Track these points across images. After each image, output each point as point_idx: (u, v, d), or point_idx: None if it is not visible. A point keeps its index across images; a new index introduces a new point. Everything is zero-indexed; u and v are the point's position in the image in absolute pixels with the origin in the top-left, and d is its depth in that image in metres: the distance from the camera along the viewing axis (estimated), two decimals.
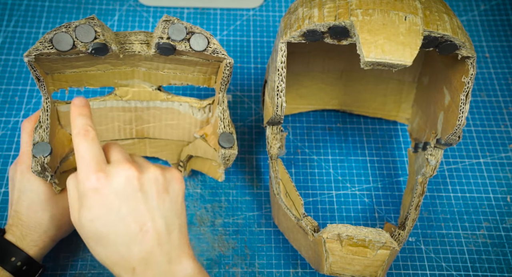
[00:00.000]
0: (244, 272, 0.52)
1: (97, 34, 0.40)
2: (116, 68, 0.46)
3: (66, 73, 0.45)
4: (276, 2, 0.74)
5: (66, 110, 0.48)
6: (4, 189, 0.56)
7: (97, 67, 0.46)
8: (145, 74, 0.47)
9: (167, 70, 0.47)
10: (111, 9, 0.71)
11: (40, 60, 0.41)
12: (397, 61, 0.38)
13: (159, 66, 0.46)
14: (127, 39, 0.43)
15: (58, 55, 0.41)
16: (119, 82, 0.48)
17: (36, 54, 0.40)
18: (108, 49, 0.41)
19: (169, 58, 0.44)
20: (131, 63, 0.46)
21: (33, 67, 0.41)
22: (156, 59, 0.45)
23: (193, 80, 0.48)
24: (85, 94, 0.63)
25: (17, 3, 0.71)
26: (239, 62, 0.68)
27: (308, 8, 0.43)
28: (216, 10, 0.72)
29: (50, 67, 0.44)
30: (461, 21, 0.73)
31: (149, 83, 0.49)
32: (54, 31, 0.40)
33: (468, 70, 0.44)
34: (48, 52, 0.40)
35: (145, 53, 0.43)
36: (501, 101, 0.66)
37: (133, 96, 0.49)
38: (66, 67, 0.44)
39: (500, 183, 0.59)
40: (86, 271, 0.51)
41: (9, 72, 0.65)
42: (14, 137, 0.60)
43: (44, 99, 0.44)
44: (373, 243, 0.42)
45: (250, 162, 0.60)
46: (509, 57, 0.70)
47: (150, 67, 0.46)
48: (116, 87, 0.49)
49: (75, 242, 0.53)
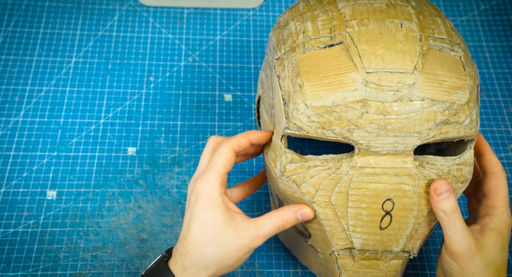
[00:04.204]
0: (244, 272, 0.52)
1: None
2: None
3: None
4: (276, 2, 0.74)
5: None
6: (4, 189, 0.56)
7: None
8: None
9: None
10: (111, 9, 0.71)
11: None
12: (398, 70, 0.38)
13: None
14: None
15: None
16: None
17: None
18: None
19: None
20: None
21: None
22: None
23: None
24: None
25: (17, 3, 0.71)
26: (239, 62, 0.68)
27: (300, 22, 0.42)
28: (216, 10, 0.72)
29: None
30: (461, 21, 0.73)
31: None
32: None
33: None
34: None
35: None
36: (501, 101, 0.66)
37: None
38: None
39: None
40: (86, 271, 0.51)
41: (9, 72, 0.65)
42: (14, 137, 0.60)
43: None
44: (385, 255, 0.42)
45: (250, 162, 0.60)
46: (509, 57, 0.70)
47: None
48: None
49: (75, 242, 0.53)
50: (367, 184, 0.39)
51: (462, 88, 0.38)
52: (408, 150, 0.39)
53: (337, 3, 0.42)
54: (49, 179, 0.57)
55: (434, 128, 0.38)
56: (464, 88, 0.38)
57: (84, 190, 0.57)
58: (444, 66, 0.39)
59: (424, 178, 0.39)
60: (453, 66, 0.39)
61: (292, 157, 0.41)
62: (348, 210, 0.40)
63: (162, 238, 0.54)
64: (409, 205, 0.39)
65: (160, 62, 0.67)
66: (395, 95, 0.37)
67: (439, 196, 0.38)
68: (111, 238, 0.54)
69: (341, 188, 0.39)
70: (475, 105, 0.39)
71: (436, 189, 0.39)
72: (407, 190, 0.39)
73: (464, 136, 0.39)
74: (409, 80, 0.37)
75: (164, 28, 0.70)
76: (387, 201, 0.39)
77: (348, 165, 0.39)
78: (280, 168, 0.41)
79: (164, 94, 0.65)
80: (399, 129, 0.38)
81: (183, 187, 0.58)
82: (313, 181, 0.40)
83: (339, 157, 0.40)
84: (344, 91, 0.38)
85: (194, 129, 0.62)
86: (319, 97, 0.38)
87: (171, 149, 0.60)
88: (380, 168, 0.39)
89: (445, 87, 0.38)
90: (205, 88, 0.65)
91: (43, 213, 0.55)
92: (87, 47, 0.68)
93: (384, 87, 0.37)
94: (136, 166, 0.59)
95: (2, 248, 0.53)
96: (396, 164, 0.39)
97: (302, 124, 0.38)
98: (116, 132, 0.61)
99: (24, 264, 0.52)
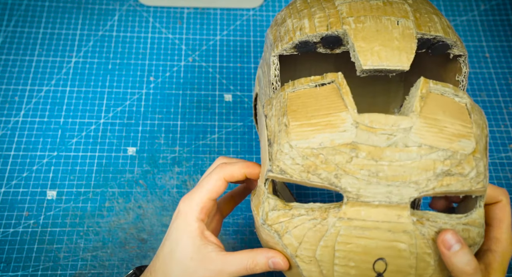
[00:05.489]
0: None
1: None
2: None
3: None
4: (276, 2, 0.74)
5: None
6: (4, 189, 0.56)
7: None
8: None
9: None
10: (111, 9, 0.71)
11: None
12: (394, 67, 0.37)
13: None
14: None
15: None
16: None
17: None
18: None
19: None
20: None
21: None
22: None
23: None
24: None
25: (17, 3, 0.71)
26: (239, 62, 0.68)
27: (297, 19, 0.42)
28: (216, 10, 0.72)
29: None
30: (461, 21, 0.73)
31: None
32: None
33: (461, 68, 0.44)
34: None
35: None
36: (501, 101, 0.66)
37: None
38: None
39: (500, 183, 0.59)
40: (86, 271, 0.51)
41: (9, 72, 0.65)
42: (14, 137, 0.60)
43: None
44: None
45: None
46: (509, 57, 0.70)
47: None
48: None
49: (75, 242, 0.53)
50: (356, 238, 0.34)
51: (466, 136, 0.34)
52: (403, 203, 0.34)
53: (334, 0, 0.42)
54: (49, 179, 0.57)
55: (434, 179, 0.33)
56: (469, 136, 0.34)
57: (84, 190, 0.57)
58: (446, 112, 0.35)
59: (422, 236, 0.34)
60: (457, 112, 0.35)
61: (275, 203, 0.37)
62: (334, 268, 0.35)
63: (162, 238, 0.54)
64: (405, 267, 0.34)
65: (160, 62, 0.67)
66: (389, 139, 0.33)
67: (449, 249, 0.33)
68: (111, 238, 0.54)
69: (327, 242, 0.35)
70: (482, 157, 0.34)
71: (444, 241, 0.33)
72: (403, 249, 0.34)
73: (470, 190, 0.34)
74: (405, 124, 0.34)
75: (164, 28, 0.70)
76: (378, 261, 0.34)
77: (336, 215, 0.34)
78: (262, 216, 0.37)
79: (164, 94, 0.65)
80: (393, 178, 0.33)
81: (183, 187, 0.58)
82: (297, 232, 0.35)
83: (327, 207, 0.35)
84: (332, 132, 0.34)
85: (194, 129, 0.62)
86: (305, 137, 0.35)
87: (171, 149, 0.60)
88: (372, 221, 0.34)
89: (447, 134, 0.34)
90: (205, 88, 0.65)
91: (43, 213, 0.55)
92: (87, 47, 0.68)
93: (377, 129, 0.33)
94: (136, 166, 0.59)
95: (2, 248, 0.53)
96: (390, 217, 0.34)
97: (286, 167, 0.35)
98: (116, 132, 0.61)
99: (24, 264, 0.52)
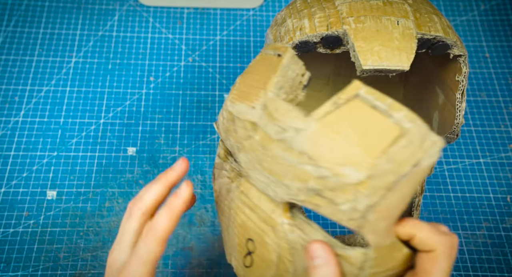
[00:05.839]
0: None
1: None
2: None
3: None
4: (276, 2, 0.74)
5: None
6: (4, 189, 0.56)
7: None
8: None
9: None
10: (111, 9, 0.71)
11: None
12: (394, 67, 0.38)
13: None
14: None
15: None
16: None
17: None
18: None
19: None
20: None
21: None
22: None
23: None
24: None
25: (17, 3, 0.71)
26: (239, 62, 0.68)
27: (297, 19, 0.42)
28: (216, 10, 0.72)
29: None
30: (461, 21, 0.73)
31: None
32: None
33: (461, 68, 0.44)
34: None
35: None
36: (501, 101, 0.66)
37: None
38: None
39: (500, 183, 0.59)
40: (86, 271, 0.51)
41: (9, 72, 0.65)
42: (14, 137, 0.60)
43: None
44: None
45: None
46: (509, 57, 0.70)
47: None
48: None
49: (75, 242, 0.53)
50: (240, 212, 0.34)
51: (357, 164, 0.26)
52: (277, 200, 0.32)
53: (334, 0, 0.42)
54: (49, 179, 0.57)
55: (305, 193, 0.29)
56: (359, 166, 0.26)
57: (84, 190, 0.57)
58: (356, 129, 0.27)
59: (287, 241, 0.32)
60: (371, 134, 0.27)
61: (219, 151, 0.39)
62: (228, 230, 0.36)
63: None
64: (268, 260, 0.33)
65: (160, 62, 0.67)
66: (279, 133, 0.30)
67: (311, 260, 0.28)
68: (111, 238, 0.54)
69: (230, 203, 0.35)
70: (372, 196, 0.27)
71: (308, 249, 0.29)
72: (268, 243, 0.33)
73: (341, 222, 0.28)
74: (299, 124, 0.29)
75: (164, 28, 0.70)
76: (250, 241, 0.34)
77: (237, 184, 0.35)
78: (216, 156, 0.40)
79: (164, 94, 0.65)
80: (271, 172, 0.31)
81: None
82: (219, 182, 0.38)
83: (239, 172, 0.36)
84: (246, 106, 0.33)
85: (194, 129, 0.62)
86: (233, 101, 0.34)
87: (171, 149, 0.60)
88: (253, 203, 0.33)
89: (336, 152, 0.27)
90: (205, 88, 0.65)
91: (43, 213, 0.55)
92: (87, 47, 0.68)
93: (275, 119, 0.30)
94: (136, 166, 0.59)
95: (2, 248, 0.53)
96: (267, 208, 0.33)
97: (219, 121, 0.37)
98: (116, 132, 0.61)
99: (24, 264, 0.52)
